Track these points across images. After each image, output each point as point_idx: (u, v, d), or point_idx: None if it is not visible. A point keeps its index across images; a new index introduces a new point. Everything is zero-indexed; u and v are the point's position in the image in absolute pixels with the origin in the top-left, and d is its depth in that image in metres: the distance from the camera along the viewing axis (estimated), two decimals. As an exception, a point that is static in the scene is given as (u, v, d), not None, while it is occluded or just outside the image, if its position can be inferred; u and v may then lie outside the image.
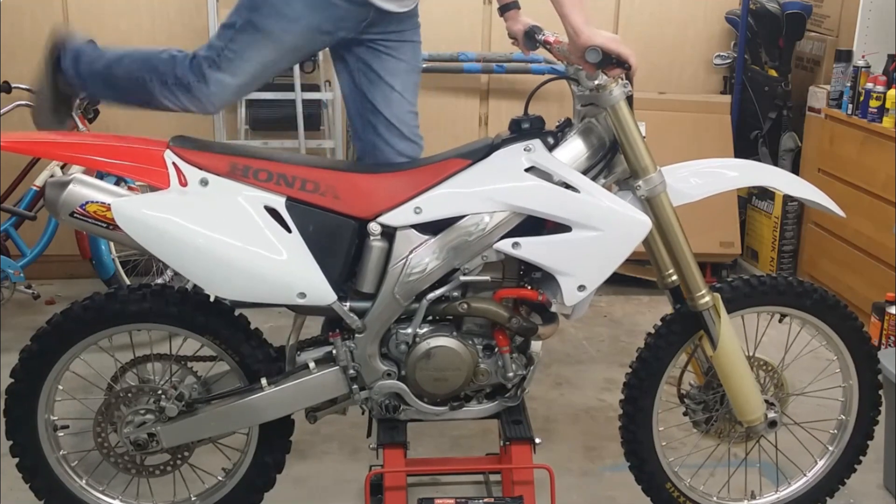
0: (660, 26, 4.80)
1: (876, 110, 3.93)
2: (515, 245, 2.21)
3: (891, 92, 3.86)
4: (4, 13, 4.31)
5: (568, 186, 2.20)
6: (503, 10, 2.58)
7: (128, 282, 4.00)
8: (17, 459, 2.35)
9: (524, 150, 2.22)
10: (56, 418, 2.36)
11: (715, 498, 2.61)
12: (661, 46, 4.81)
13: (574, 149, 2.27)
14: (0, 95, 4.01)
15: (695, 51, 4.88)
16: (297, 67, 4.37)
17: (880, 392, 2.58)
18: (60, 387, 2.34)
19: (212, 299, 2.28)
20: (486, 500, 2.29)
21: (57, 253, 4.12)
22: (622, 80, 2.22)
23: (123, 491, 2.47)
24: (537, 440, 2.39)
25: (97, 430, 2.34)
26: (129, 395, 2.32)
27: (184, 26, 4.52)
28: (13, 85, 4.00)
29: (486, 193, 2.20)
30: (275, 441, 2.41)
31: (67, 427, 2.41)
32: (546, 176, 2.21)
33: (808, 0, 4.63)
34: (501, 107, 4.74)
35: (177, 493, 2.49)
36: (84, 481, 2.42)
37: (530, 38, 2.50)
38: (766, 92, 4.69)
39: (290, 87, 4.41)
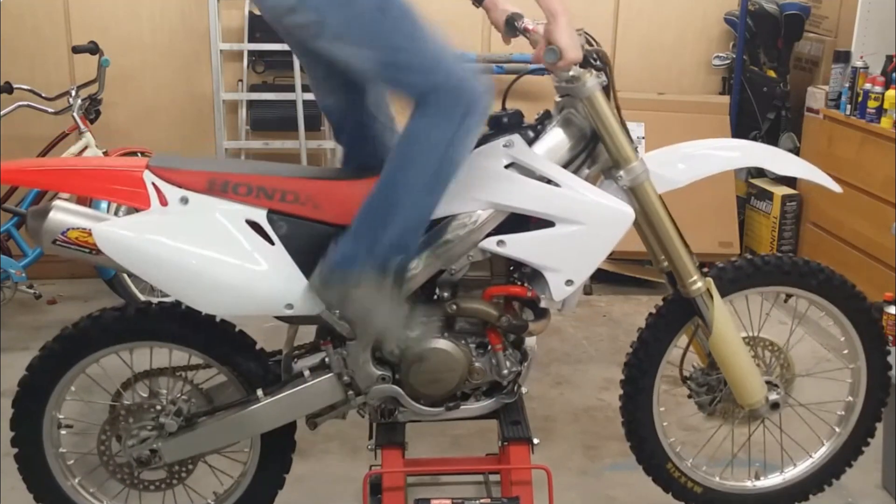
0: (659, 27, 4.82)
1: (874, 111, 3.94)
2: (500, 243, 2.20)
3: (889, 92, 3.87)
4: (4, 13, 4.32)
5: (550, 181, 2.19)
6: (478, 0, 2.42)
7: (129, 282, 4.01)
8: (15, 450, 2.35)
9: (503, 146, 2.20)
10: (62, 416, 2.37)
11: (718, 479, 2.60)
12: (660, 47, 4.82)
13: (554, 141, 2.25)
14: (1, 96, 4.02)
15: (694, 52, 4.90)
16: (297, 67, 4.39)
17: (890, 374, 2.55)
18: (73, 388, 2.35)
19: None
20: (483, 500, 2.30)
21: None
22: (595, 70, 2.20)
23: (115, 497, 2.47)
24: (535, 440, 2.40)
25: (101, 449, 2.35)
26: (130, 412, 2.32)
27: (185, 27, 4.53)
28: (15, 86, 4.02)
29: (467, 193, 2.18)
30: (274, 460, 2.43)
31: (71, 427, 2.42)
32: (527, 171, 2.20)
33: (807, 1, 4.64)
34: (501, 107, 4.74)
35: None
36: (76, 481, 2.42)
37: (510, 25, 2.39)
38: (764, 92, 4.70)
39: (291, 88, 4.43)
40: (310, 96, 4.37)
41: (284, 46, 4.39)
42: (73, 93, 4.02)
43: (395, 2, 2.06)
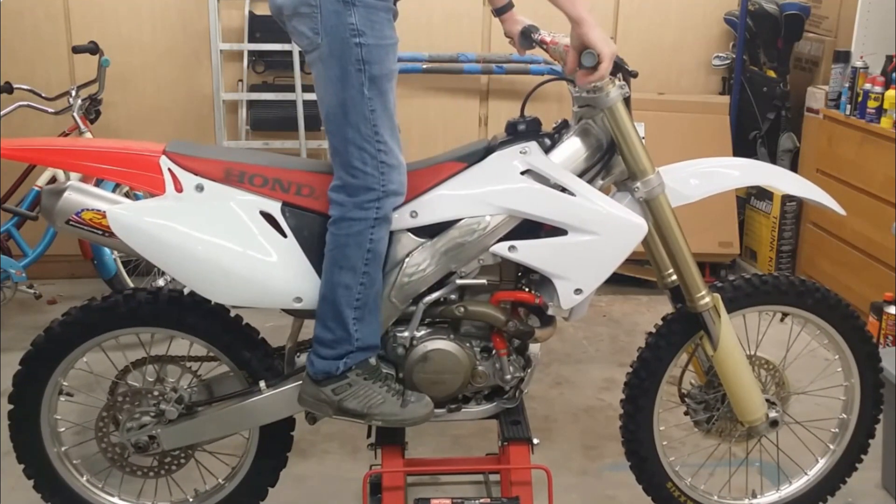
0: (659, 27, 4.82)
1: (874, 111, 3.93)
2: (512, 248, 2.22)
3: (889, 92, 3.87)
4: (4, 13, 4.32)
5: (565, 189, 2.21)
6: (498, 12, 2.51)
7: (129, 282, 4.02)
8: (11, 406, 2.34)
9: (520, 152, 2.22)
10: (66, 384, 2.37)
11: (716, 497, 2.62)
12: (660, 47, 4.82)
13: (571, 151, 2.27)
14: (1, 96, 4.02)
15: (694, 52, 4.90)
16: (297, 67, 4.39)
17: (882, 391, 2.59)
18: (85, 359, 2.36)
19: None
20: (483, 500, 2.30)
21: (59, 253, 4.13)
22: (619, 81, 2.23)
23: (96, 473, 2.47)
24: (535, 440, 2.41)
25: (99, 425, 2.35)
26: (130, 397, 2.33)
27: (185, 27, 4.53)
28: (15, 86, 4.02)
29: (481, 197, 2.21)
30: (264, 470, 2.44)
31: (72, 395, 2.42)
32: (542, 179, 2.22)
33: (807, 1, 4.64)
34: (501, 107, 4.76)
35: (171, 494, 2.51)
36: (63, 449, 2.42)
37: (526, 37, 2.46)
38: (764, 92, 4.70)
39: (291, 88, 4.42)
40: (309, 96, 4.41)
41: (285, 46, 4.41)
42: (73, 93, 4.02)
43: (379, 87, 2.10)
